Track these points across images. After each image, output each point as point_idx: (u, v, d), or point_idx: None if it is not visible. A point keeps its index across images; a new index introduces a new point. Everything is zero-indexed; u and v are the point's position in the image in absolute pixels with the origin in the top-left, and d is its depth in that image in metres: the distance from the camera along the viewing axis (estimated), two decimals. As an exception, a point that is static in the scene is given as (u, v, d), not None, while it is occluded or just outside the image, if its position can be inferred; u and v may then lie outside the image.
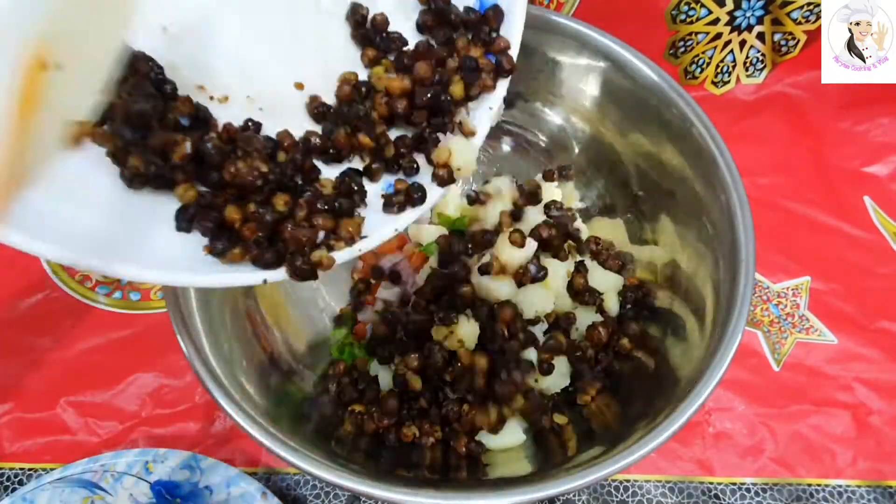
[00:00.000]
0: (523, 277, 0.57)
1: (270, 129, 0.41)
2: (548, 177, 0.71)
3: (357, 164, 0.44)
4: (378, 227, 0.42)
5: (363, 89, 0.45)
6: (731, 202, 0.53)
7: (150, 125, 0.35)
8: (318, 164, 0.43)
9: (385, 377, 0.60)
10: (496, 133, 0.73)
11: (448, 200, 0.71)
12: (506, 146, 0.73)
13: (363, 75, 0.46)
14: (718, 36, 0.81)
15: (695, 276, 0.56)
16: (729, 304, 0.50)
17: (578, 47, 0.60)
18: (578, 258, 0.63)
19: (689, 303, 0.56)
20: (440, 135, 0.44)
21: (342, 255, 0.40)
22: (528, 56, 0.63)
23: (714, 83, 0.87)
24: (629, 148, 0.64)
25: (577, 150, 0.70)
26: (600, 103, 0.63)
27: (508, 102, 0.69)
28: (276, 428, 0.46)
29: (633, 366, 0.59)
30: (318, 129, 0.44)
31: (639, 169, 0.64)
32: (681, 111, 0.57)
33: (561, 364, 0.58)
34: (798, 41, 0.81)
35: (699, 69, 0.85)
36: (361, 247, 0.41)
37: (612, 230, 0.68)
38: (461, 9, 0.46)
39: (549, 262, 0.59)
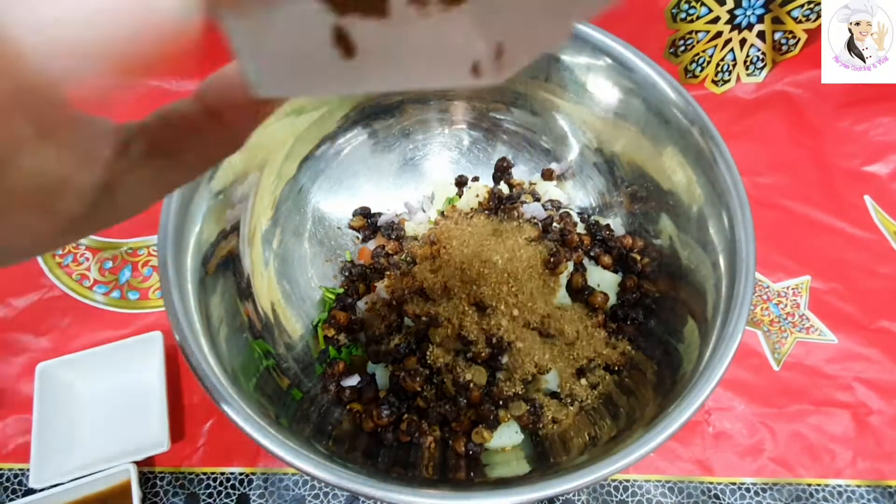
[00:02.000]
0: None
1: None
2: (547, 176, 0.70)
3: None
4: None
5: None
6: (731, 202, 0.52)
7: None
8: None
9: (382, 376, 0.60)
10: (495, 132, 0.73)
11: (445, 196, 0.71)
12: (505, 146, 0.73)
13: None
14: (719, 34, 0.81)
15: (695, 275, 0.56)
16: (729, 303, 0.50)
17: (578, 46, 0.60)
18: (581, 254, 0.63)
19: (688, 302, 0.56)
20: None
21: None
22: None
23: (714, 82, 0.87)
24: (629, 147, 0.64)
25: (576, 150, 0.69)
26: (600, 102, 0.63)
27: (510, 102, 0.69)
28: (276, 428, 0.46)
29: (632, 366, 0.59)
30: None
31: (639, 168, 0.64)
32: (681, 110, 0.56)
33: None
34: (798, 40, 0.81)
35: (699, 68, 0.85)
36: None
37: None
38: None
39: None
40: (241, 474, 0.64)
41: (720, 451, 0.65)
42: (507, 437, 0.56)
